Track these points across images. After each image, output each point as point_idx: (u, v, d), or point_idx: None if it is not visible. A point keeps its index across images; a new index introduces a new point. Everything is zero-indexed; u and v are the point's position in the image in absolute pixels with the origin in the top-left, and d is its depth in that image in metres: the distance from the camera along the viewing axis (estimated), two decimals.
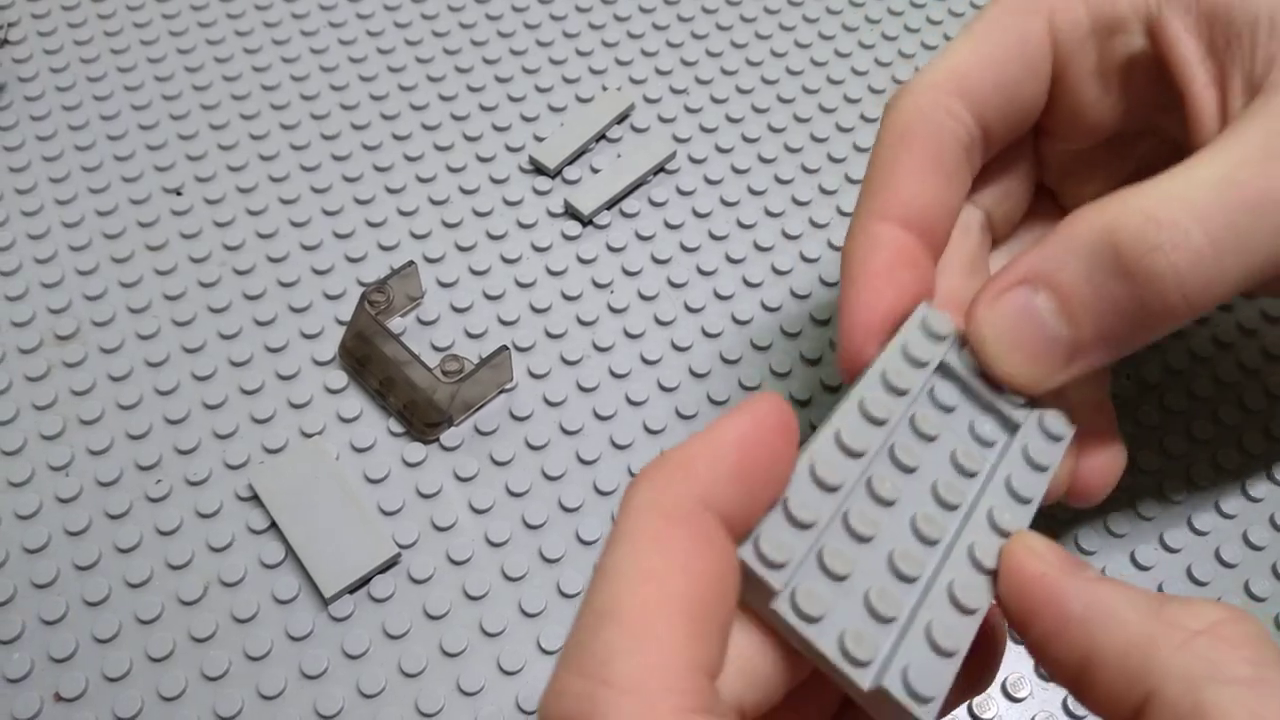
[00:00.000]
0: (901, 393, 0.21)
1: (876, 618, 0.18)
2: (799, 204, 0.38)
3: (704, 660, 0.15)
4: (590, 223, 0.37)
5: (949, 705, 0.21)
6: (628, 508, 0.17)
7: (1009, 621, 0.19)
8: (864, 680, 0.18)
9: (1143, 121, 0.26)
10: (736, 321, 0.35)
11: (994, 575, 0.20)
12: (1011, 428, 0.22)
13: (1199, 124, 0.23)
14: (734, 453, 0.17)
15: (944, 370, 0.22)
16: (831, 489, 0.19)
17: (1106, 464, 0.25)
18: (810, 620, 0.18)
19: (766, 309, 0.35)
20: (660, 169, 0.38)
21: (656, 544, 0.16)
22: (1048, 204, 0.29)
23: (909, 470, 0.20)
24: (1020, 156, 0.28)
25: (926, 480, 0.21)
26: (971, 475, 0.21)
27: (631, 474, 0.31)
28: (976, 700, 0.28)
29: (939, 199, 0.24)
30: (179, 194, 0.37)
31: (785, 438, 0.18)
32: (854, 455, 0.20)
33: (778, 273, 0.36)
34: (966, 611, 0.19)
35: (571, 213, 0.37)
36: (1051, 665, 0.18)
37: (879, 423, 0.20)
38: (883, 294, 0.23)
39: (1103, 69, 0.25)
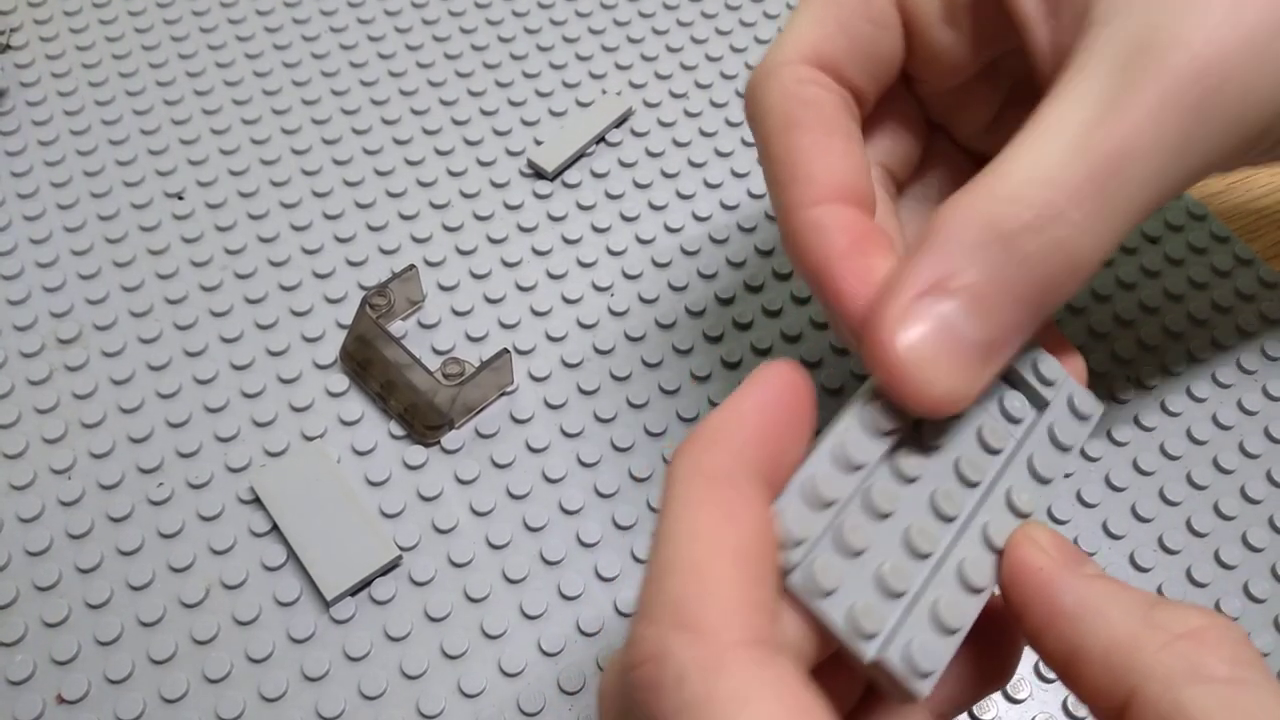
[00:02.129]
0: None
1: (887, 592, 0.19)
2: None
3: (757, 599, 0.17)
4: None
5: (968, 698, 0.21)
6: (673, 478, 0.18)
7: (1008, 610, 0.19)
8: (867, 652, 0.18)
9: (1000, 51, 0.26)
10: (738, 326, 0.35)
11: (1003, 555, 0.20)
12: (1040, 404, 0.22)
13: (1039, 60, 0.23)
14: (754, 417, 0.18)
15: None
16: (855, 468, 0.19)
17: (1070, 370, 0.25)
18: (823, 594, 0.18)
19: (767, 313, 0.35)
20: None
21: (703, 503, 0.17)
22: (941, 140, 0.28)
23: (934, 448, 0.21)
24: (898, 101, 0.27)
25: (950, 457, 0.21)
26: (996, 452, 0.21)
27: (632, 476, 0.31)
28: (1010, 684, 0.28)
29: (851, 163, 0.23)
30: (180, 198, 0.38)
31: (798, 397, 0.19)
32: (879, 434, 0.20)
33: (778, 277, 0.36)
34: (974, 590, 0.19)
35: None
36: (1043, 656, 0.19)
37: None
38: (870, 268, 0.21)
39: (948, 13, 0.25)
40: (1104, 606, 0.18)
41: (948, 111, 0.28)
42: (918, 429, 0.21)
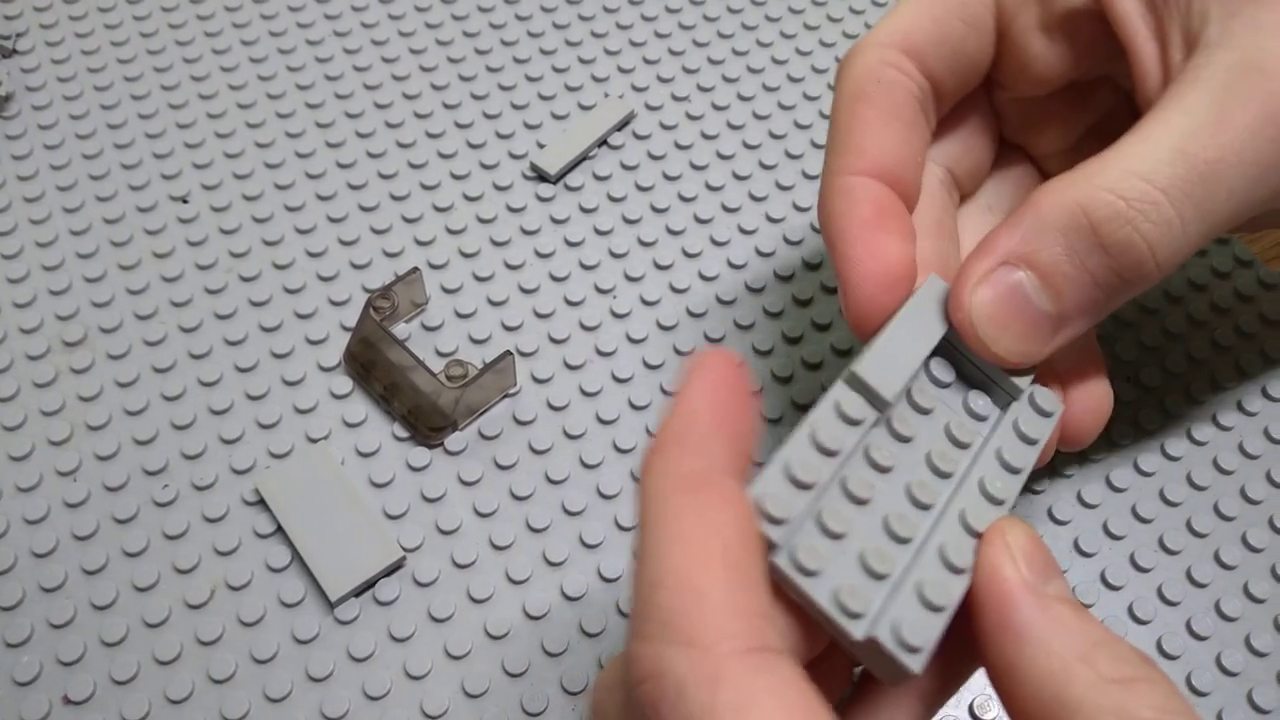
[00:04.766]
0: None
1: (871, 574, 0.19)
2: (800, 210, 0.38)
3: (750, 604, 0.17)
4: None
5: (953, 681, 0.21)
6: (646, 492, 0.18)
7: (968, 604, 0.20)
8: (857, 631, 0.18)
9: (1093, 70, 0.27)
10: (739, 326, 0.35)
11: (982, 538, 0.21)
12: (1004, 403, 0.23)
13: (1143, 78, 0.24)
14: (707, 411, 0.18)
15: (942, 349, 0.23)
16: (830, 453, 0.20)
17: (1094, 405, 0.26)
18: (808, 574, 0.19)
19: (769, 314, 0.35)
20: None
21: (682, 510, 0.17)
22: (1012, 155, 0.30)
23: (905, 440, 0.21)
24: (976, 110, 0.28)
25: (921, 450, 0.22)
26: (965, 446, 0.22)
27: (634, 478, 0.32)
28: (978, 701, 0.28)
29: (903, 149, 0.25)
30: (185, 201, 0.38)
31: (738, 379, 0.19)
32: (852, 423, 0.20)
33: (780, 279, 0.36)
34: (956, 570, 0.20)
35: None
36: (984, 663, 0.19)
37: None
38: (882, 243, 0.23)
39: (1046, 23, 0.26)
40: (1049, 635, 0.18)
41: (1026, 127, 0.29)
42: (888, 422, 0.21)
